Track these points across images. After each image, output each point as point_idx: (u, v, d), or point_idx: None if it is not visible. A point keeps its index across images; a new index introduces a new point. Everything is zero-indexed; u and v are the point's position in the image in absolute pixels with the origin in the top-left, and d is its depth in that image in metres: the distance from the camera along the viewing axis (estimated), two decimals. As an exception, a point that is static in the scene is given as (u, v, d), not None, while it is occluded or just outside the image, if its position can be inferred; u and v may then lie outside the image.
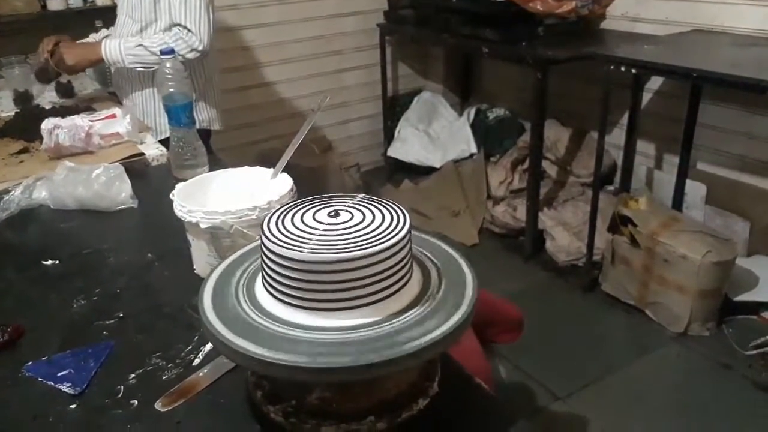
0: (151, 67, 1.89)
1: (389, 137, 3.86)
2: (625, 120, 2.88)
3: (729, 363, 2.23)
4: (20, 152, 1.63)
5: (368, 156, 3.95)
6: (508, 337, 1.41)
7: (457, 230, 3.14)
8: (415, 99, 3.85)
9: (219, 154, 1.90)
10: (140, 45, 1.84)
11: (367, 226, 0.68)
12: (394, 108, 3.88)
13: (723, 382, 2.18)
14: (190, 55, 1.85)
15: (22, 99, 2.05)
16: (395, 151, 3.76)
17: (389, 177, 3.82)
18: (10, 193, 1.35)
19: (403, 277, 0.68)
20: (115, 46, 1.86)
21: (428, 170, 3.61)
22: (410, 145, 3.70)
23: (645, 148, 2.96)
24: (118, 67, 1.93)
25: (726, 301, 2.39)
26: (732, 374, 2.20)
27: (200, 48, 1.85)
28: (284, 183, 1.03)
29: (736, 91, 2.32)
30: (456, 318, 0.65)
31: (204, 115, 2.08)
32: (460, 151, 3.51)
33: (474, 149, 3.49)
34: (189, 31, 1.83)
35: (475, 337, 1.17)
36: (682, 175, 2.77)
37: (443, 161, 3.54)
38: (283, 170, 1.05)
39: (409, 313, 0.66)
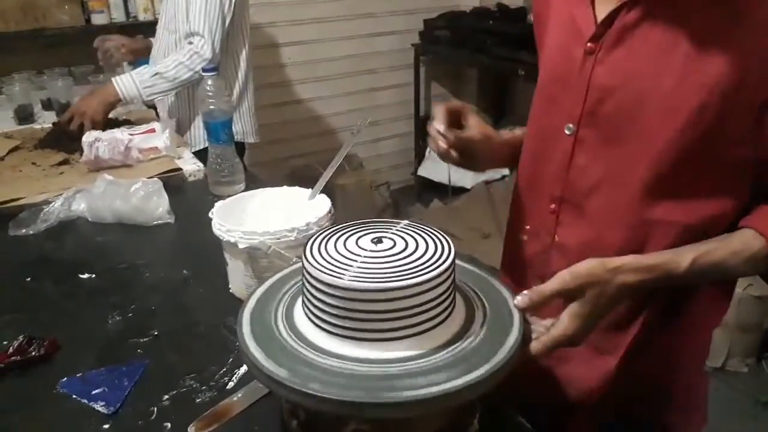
0: (167, 94, 1.91)
1: (420, 156, 3.85)
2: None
3: (768, 401, 2.16)
4: (61, 164, 1.66)
5: (398, 174, 3.94)
6: None
7: (486, 252, 3.10)
8: (448, 119, 3.84)
9: (252, 169, 1.91)
10: (156, 74, 1.83)
11: (410, 255, 0.67)
12: (425, 128, 3.86)
13: (761, 421, 2.09)
14: (200, 67, 1.80)
15: (64, 111, 2.08)
16: (426, 170, 3.75)
17: (419, 196, 3.81)
18: (51, 205, 1.36)
19: (445, 310, 0.66)
20: (129, 83, 1.82)
21: (458, 190, 3.58)
22: (441, 165, 3.67)
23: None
24: (135, 102, 1.93)
25: (766, 337, 2.31)
26: (771, 413, 2.12)
27: (209, 56, 1.83)
28: (323, 204, 1.03)
29: None
30: (500, 357, 0.63)
31: (239, 127, 2.08)
32: (492, 172, 3.49)
33: (506, 171, 3.45)
34: (203, 38, 1.82)
35: None
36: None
37: (474, 182, 3.52)
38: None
39: (450, 349, 0.64)
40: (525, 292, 0.70)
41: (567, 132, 0.82)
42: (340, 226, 0.74)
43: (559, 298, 0.71)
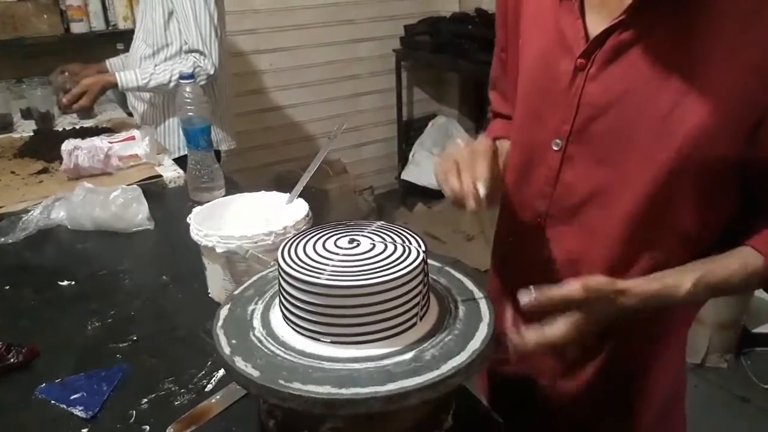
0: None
1: (403, 161, 3.87)
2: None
3: (747, 396, 2.19)
4: (40, 172, 1.65)
5: (382, 179, 3.96)
6: None
7: (471, 255, 3.13)
8: (430, 123, 3.87)
9: (235, 176, 1.91)
10: (154, 74, 1.88)
11: (383, 253, 0.68)
12: (408, 132, 3.90)
13: (740, 416, 2.13)
14: (203, 82, 1.89)
15: (43, 120, 2.08)
16: (409, 174, 3.77)
17: (403, 200, 3.83)
18: (30, 213, 1.36)
19: (419, 305, 0.68)
20: (132, 81, 1.88)
21: (442, 194, 3.59)
22: (424, 168, 3.71)
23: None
24: (133, 92, 2.00)
25: (744, 333, 2.35)
26: (749, 408, 2.15)
27: (212, 72, 1.89)
28: (300, 208, 1.04)
29: None
30: (474, 347, 0.65)
31: (212, 135, 2.09)
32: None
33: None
34: (204, 56, 1.87)
35: None
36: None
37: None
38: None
39: (426, 344, 0.66)
40: (531, 289, 0.68)
41: (554, 147, 0.80)
42: (317, 228, 0.76)
43: (562, 305, 0.70)
